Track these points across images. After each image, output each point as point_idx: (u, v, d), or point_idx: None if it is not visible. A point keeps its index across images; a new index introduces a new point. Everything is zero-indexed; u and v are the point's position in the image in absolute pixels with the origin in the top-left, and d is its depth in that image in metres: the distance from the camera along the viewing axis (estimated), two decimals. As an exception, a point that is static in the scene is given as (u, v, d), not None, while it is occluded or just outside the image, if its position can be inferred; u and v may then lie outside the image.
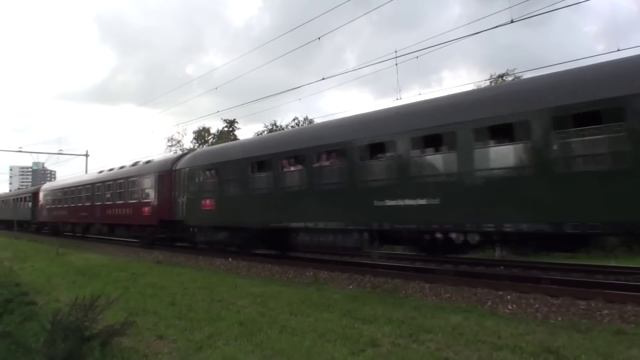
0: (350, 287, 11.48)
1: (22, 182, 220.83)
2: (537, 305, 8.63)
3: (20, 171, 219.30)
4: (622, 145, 8.51)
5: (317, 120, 36.44)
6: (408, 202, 11.36)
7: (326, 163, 13.59)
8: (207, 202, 17.96)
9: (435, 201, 10.86)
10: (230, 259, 16.88)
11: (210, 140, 48.42)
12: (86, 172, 44.54)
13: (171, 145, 50.47)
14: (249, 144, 19.07)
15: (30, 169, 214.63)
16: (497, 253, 17.31)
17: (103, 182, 27.73)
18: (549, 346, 6.01)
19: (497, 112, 10.13)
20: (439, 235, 11.22)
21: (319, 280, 12.32)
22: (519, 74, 27.72)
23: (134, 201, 23.83)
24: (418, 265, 14.21)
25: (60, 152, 49.61)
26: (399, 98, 43.48)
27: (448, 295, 9.88)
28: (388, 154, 12.09)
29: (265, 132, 40.37)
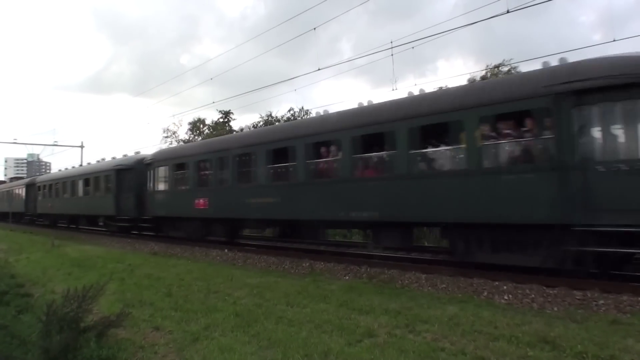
0: (347, 277, 11.49)
1: (17, 173, 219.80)
2: (533, 296, 8.67)
3: (15, 162, 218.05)
4: None
5: (313, 112, 36.26)
6: None
7: None
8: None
9: None
10: (226, 250, 16.89)
11: (205, 132, 48.23)
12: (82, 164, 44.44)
13: (167, 137, 50.17)
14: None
15: (25, 161, 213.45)
16: None
17: None
18: (545, 336, 6.03)
19: None
20: None
21: (315, 271, 12.33)
22: (515, 65, 27.64)
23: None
24: (414, 255, 14.22)
25: (55, 143, 49.38)
26: (394, 88, 43.19)
27: (444, 285, 9.90)
28: None
29: (261, 124, 40.24)
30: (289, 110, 40.18)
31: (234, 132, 37.81)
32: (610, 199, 8.38)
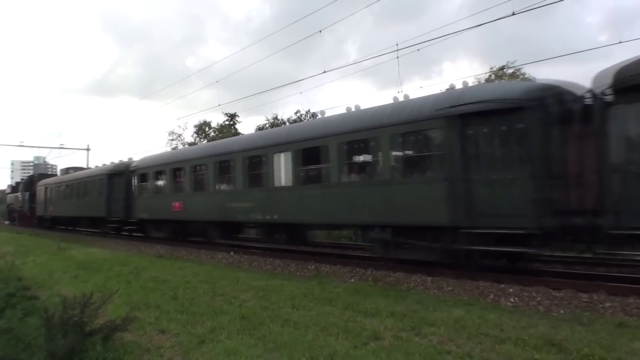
0: (352, 280, 11.48)
1: (24, 176, 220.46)
2: (539, 298, 8.62)
3: (21, 165, 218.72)
4: None
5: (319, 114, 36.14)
6: None
7: None
8: None
9: None
10: (232, 253, 16.90)
11: (211, 134, 48.35)
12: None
13: (172, 139, 50.27)
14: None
15: (31, 163, 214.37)
16: None
17: None
18: (551, 339, 6.01)
19: None
20: None
21: (321, 274, 12.32)
22: (520, 67, 27.56)
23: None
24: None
25: (62, 146, 49.61)
26: (400, 91, 42.97)
27: (450, 288, 9.87)
28: None
29: (267, 126, 40.29)
30: (296, 113, 40.21)
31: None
32: None
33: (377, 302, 8.47)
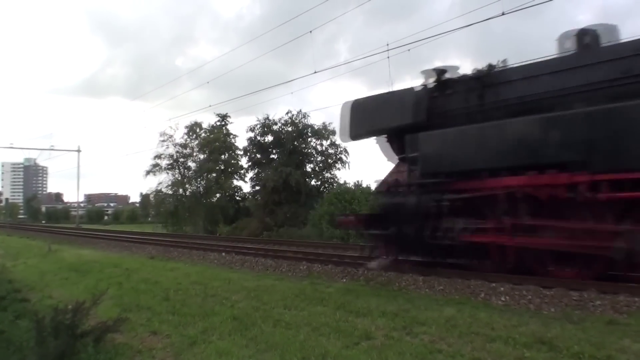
0: (344, 280, 11.49)
1: (14, 178, 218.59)
2: (530, 297, 8.67)
3: (11, 167, 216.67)
4: None
5: (312, 115, 36.04)
6: None
7: None
8: None
9: None
10: (223, 254, 16.89)
11: (202, 135, 48.30)
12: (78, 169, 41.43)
13: (163, 140, 50.10)
14: None
15: (21, 165, 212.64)
16: None
17: None
18: (541, 337, 6.04)
19: None
20: None
21: (312, 274, 12.33)
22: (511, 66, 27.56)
23: None
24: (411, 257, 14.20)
25: (52, 147, 49.27)
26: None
27: (441, 287, 9.91)
28: None
29: (259, 127, 40.10)
30: (287, 113, 40.15)
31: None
32: None
33: (369, 302, 8.49)
